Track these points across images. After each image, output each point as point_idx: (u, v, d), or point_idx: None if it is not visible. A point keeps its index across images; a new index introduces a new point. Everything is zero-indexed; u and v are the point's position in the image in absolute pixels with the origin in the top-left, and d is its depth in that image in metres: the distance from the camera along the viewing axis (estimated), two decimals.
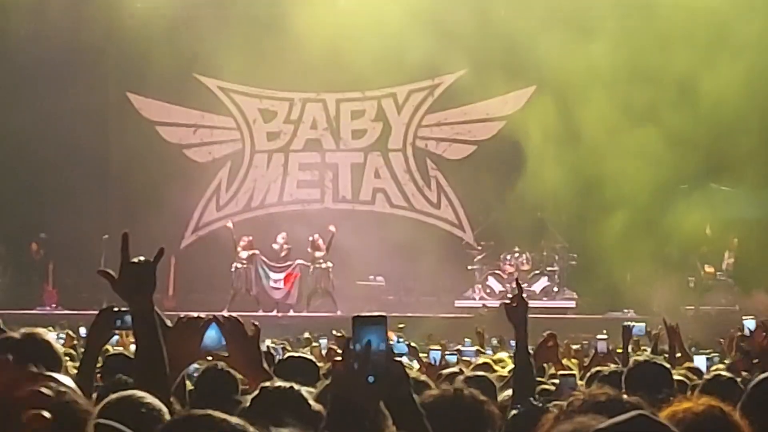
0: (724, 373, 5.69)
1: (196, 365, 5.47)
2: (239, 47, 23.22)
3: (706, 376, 5.18)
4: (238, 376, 5.38)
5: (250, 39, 23.24)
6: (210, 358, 5.92)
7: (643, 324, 9.37)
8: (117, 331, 6.86)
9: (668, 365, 5.36)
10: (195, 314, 3.91)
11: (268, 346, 10.79)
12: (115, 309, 4.75)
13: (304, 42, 22.56)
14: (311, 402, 3.74)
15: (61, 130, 23.49)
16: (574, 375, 6.40)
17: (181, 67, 23.87)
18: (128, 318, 4.18)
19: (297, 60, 23.32)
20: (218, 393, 4.85)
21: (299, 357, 6.29)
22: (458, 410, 3.11)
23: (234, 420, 2.15)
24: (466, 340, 13.72)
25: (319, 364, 6.29)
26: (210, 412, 2.43)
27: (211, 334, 3.87)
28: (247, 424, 2.16)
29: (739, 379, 5.15)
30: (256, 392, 3.69)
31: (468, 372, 6.55)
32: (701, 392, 4.18)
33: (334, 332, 10.67)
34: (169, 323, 3.94)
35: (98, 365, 5.25)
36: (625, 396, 2.52)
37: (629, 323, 8.47)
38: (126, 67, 24.88)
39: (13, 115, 23.60)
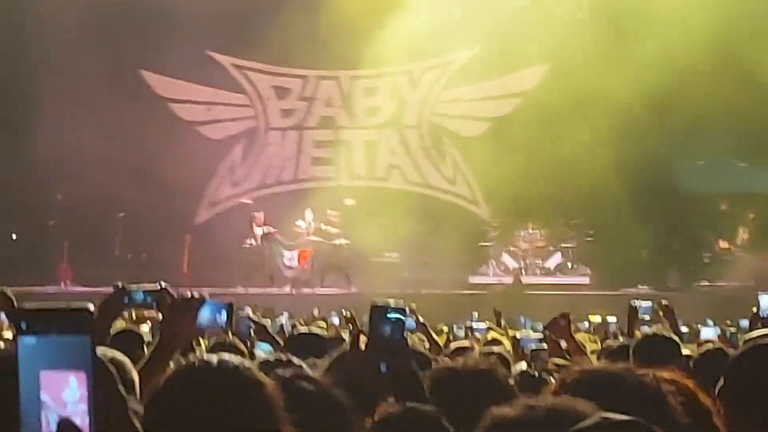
0: (711, 346, 5.66)
1: None
2: (253, 25, 23.13)
3: (699, 350, 5.17)
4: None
5: (264, 16, 23.19)
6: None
7: (650, 303, 9.18)
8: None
9: (677, 339, 5.35)
10: (188, 294, 3.83)
11: (281, 324, 10.88)
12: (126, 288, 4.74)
13: (317, 19, 22.51)
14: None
15: (73, 105, 23.50)
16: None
17: (195, 45, 23.81)
18: (137, 295, 4.20)
19: (311, 37, 23.24)
20: None
21: (309, 333, 6.32)
22: (480, 381, 3.07)
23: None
24: (474, 314, 13.71)
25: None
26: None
27: (205, 313, 3.82)
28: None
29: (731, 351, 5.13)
30: None
31: (479, 348, 6.57)
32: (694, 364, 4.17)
33: (343, 312, 10.63)
34: None
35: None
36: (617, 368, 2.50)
37: (635, 302, 8.38)
38: (139, 44, 24.84)
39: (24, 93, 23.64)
